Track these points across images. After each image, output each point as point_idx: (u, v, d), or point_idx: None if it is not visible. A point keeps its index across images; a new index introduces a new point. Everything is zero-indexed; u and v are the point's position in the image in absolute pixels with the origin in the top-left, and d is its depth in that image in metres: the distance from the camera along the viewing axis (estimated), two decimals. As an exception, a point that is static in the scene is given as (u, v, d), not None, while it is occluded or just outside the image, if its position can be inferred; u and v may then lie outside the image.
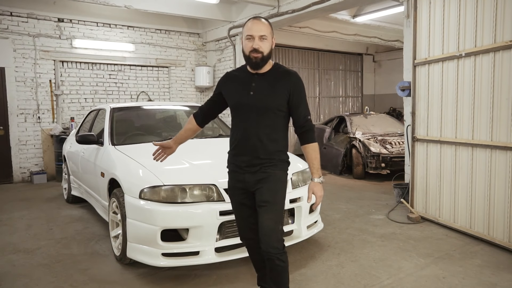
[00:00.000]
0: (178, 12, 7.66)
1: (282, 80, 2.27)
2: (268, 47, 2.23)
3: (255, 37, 2.20)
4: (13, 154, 7.39)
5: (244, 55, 2.27)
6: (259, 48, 2.19)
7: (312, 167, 2.29)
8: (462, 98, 4.01)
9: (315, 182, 2.27)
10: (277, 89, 2.25)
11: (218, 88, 2.47)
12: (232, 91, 2.35)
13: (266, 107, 2.24)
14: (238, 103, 2.31)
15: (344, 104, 12.93)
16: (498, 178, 3.64)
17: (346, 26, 9.42)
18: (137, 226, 3.04)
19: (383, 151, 6.93)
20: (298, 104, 2.29)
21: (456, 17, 4.04)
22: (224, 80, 2.44)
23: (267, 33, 2.22)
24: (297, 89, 2.28)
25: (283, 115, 2.30)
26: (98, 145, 4.21)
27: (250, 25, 2.23)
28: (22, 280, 3.16)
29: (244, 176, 2.30)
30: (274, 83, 2.27)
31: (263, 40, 2.21)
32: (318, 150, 2.31)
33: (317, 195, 2.26)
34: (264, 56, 2.22)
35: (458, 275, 3.11)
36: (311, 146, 2.30)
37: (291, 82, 2.28)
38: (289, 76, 2.29)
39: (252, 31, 2.21)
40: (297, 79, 2.31)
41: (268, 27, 2.24)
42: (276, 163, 2.29)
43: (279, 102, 2.25)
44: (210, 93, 9.67)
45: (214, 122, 5.10)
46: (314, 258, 3.49)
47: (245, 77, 2.33)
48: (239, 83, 2.33)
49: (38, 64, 7.46)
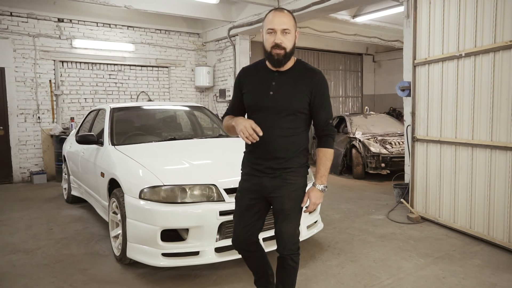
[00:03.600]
0: (178, 12, 7.66)
1: (305, 79, 2.11)
2: (291, 41, 2.05)
3: (277, 31, 2.01)
4: (13, 154, 7.38)
5: (264, 51, 2.09)
6: (282, 43, 2.01)
7: (317, 172, 2.17)
8: (462, 98, 4.01)
9: (315, 188, 2.16)
10: (299, 89, 2.09)
11: (238, 85, 2.28)
12: (251, 89, 2.18)
13: (286, 109, 2.09)
14: (257, 103, 2.15)
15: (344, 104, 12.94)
16: (498, 178, 3.63)
17: (346, 26, 9.42)
18: (137, 226, 3.04)
19: (383, 151, 6.93)
20: (320, 106, 2.13)
21: (456, 17, 4.04)
22: (242, 76, 2.26)
23: (290, 26, 2.03)
24: (320, 90, 2.12)
25: (305, 117, 2.16)
26: (98, 145, 4.21)
27: (271, 17, 2.04)
28: (22, 280, 3.16)
29: (262, 179, 2.18)
30: (296, 82, 2.10)
31: (286, 34, 2.02)
32: (330, 157, 2.17)
33: (312, 202, 2.16)
34: (287, 52, 2.04)
35: (458, 275, 3.11)
36: (323, 151, 2.17)
37: (314, 82, 2.11)
38: (313, 75, 2.13)
39: (274, 24, 2.01)
40: (321, 78, 2.14)
41: (291, 19, 2.05)
42: (295, 169, 2.16)
43: (301, 103, 2.10)
44: (210, 93, 9.67)
45: (214, 122, 5.11)
46: (314, 258, 3.49)
47: (264, 74, 2.15)
48: (259, 81, 2.16)
49: (38, 64, 7.46)
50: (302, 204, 2.19)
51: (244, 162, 2.32)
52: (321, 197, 2.17)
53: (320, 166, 2.16)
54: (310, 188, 2.19)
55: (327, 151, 2.17)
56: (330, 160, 2.18)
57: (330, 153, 2.18)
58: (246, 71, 2.29)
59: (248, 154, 2.29)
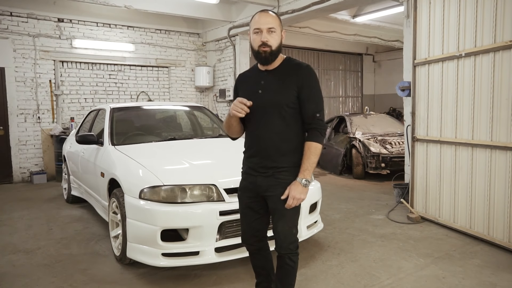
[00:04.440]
0: (178, 12, 7.66)
1: (292, 73, 2.14)
2: (277, 40, 2.11)
3: (263, 30, 2.08)
4: (13, 154, 7.38)
5: (252, 51, 2.15)
6: (268, 42, 2.07)
7: (301, 166, 2.11)
8: (462, 98, 4.01)
9: (297, 181, 2.09)
10: (286, 84, 2.12)
11: (235, 92, 2.36)
12: (244, 91, 2.24)
13: (275, 105, 2.12)
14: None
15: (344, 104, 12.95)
16: (498, 178, 3.63)
17: (346, 26, 9.43)
18: (137, 226, 3.04)
19: (383, 151, 6.93)
20: (307, 98, 2.12)
21: (456, 17, 4.04)
22: (238, 82, 2.35)
23: (276, 26, 2.10)
24: (306, 82, 2.12)
25: (294, 112, 2.15)
26: (98, 145, 4.21)
27: (257, 18, 2.13)
28: (22, 280, 3.16)
29: (257, 178, 2.20)
30: (283, 78, 2.14)
31: (272, 33, 2.09)
32: (315, 152, 2.11)
33: (291, 195, 2.07)
34: (273, 50, 2.10)
35: (458, 275, 3.11)
36: (308, 145, 2.12)
37: (300, 74, 2.13)
38: (299, 69, 2.15)
39: (260, 23, 2.09)
40: (308, 71, 2.15)
41: (276, 19, 2.12)
42: (288, 169, 2.15)
43: (288, 97, 2.11)
44: (210, 93, 9.67)
45: (214, 122, 5.11)
46: (314, 258, 3.49)
47: (255, 75, 2.22)
48: (250, 83, 2.24)
49: (38, 64, 7.46)
50: (282, 197, 2.11)
51: (243, 162, 2.35)
52: (302, 192, 2.08)
53: (304, 160, 2.11)
54: (292, 182, 2.13)
55: (312, 144, 2.11)
56: (316, 154, 2.11)
57: (315, 147, 2.11)
58: (242, 76, 2.37)
59: (245, 153, 2.32)
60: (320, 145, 2.14)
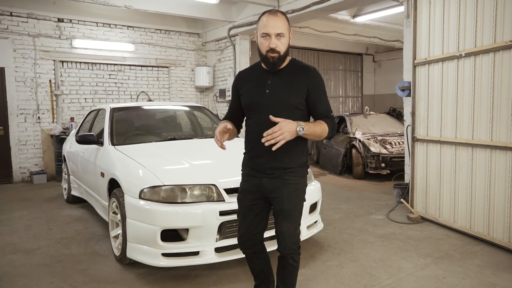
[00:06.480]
0: (178, 12, 7.66)
1: (300, 75, 2.13)
2: (285, 45, 2.08)
3: (272, 35, 2.03)
4: (13, 154, 7.38)
5: (260, 54, 2.12)
6: (276, 48, 2.05)
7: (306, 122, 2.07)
8: (462, 98, 4.01)
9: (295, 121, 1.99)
10: (295, 85, 2.11)
11: (234, 89, 2.32)
12: (248, 89, 2.21)
13: (283, 106, 2.10)
14: (254, 102, 2.17)
15: (344, 104, 12.94)
16: (498, 178, 3.64)
17: (346, 26, 9.42)
18: (137, 226, 3.04)
19: (383, 151, 6.93)
20: (318, 101, 2.15)
21: (456, 17, 4.04)
22: (239, 79, 2.31)
23: (284, 30, 2.06)
24: (316, 85, 2.14)
25: (302, 114, 2.15)
26: (98, 145, 4.21)
27: (265, 21, 2.05)
28: (22, 280, 3.16)
29: (262, 180, 2.18)
30: (291, 79, 2.12)
31: (281, 38, 2.05)
32: (322, 128, 2.08)
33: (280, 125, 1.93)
34: (281, 55, 2.08)
35: (458, 275, 3.11)
36: (320, 121, 2.11)
37: (310, 77, 2.13)
38: (307, 71, 2.15)
39: (268, 28, 2.03)
40: (316, 74, 2.17)
41: (285, 22, 2.07)
42: (295, 169, 2.16)
43: (297, 99, 2.12)
44: (210, 93, 9.67)
45: (214, 122, 5.10)
46: (314, 258, 3.49)
47: (260, 75, 2.18)
48: (255, 81, 2.19)
49: (38, 64, 7.46)
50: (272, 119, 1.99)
51: (243, 163, 2.33)
52: (291, 131, 1.95)
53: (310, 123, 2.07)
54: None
55: (322, 123, 2.11)
56: (321, 130, 2.09)
57: (323, 127, 2.10)
58: (242, 74, 2.33)
59: (247, 154, 2.29)
60: (327, 130, 2.13)
